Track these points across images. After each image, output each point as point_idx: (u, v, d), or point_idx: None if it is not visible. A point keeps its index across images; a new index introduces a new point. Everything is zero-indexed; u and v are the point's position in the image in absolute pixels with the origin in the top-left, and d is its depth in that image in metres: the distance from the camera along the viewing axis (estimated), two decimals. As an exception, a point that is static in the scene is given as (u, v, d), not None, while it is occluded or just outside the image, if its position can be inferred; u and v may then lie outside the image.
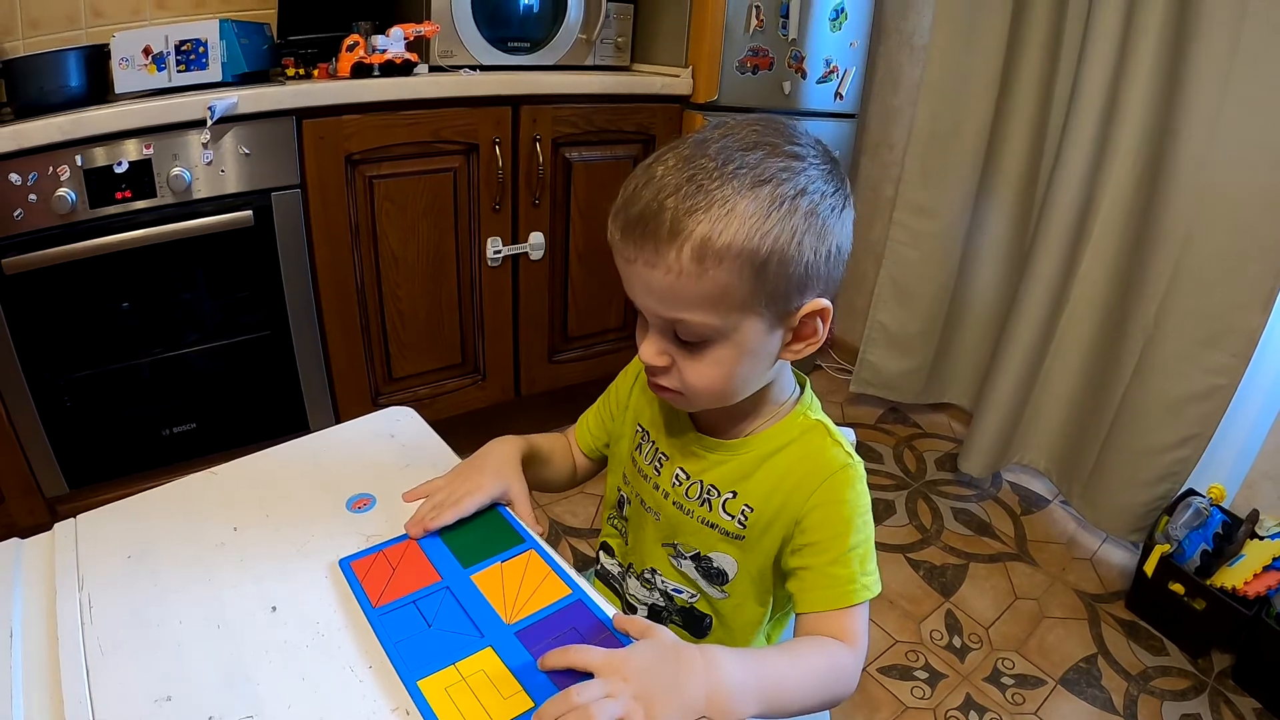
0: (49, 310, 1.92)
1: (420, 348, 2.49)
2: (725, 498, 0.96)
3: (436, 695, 0.70)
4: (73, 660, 0.77)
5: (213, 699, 0.72)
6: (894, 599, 2.28)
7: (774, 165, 0.78)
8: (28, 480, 2.02)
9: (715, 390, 0.87)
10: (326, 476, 1.04)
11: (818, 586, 0.89)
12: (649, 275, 0.80)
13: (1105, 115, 2.29)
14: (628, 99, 2.53)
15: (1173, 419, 2.27)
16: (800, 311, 0.83)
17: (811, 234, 0.79)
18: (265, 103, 1.98)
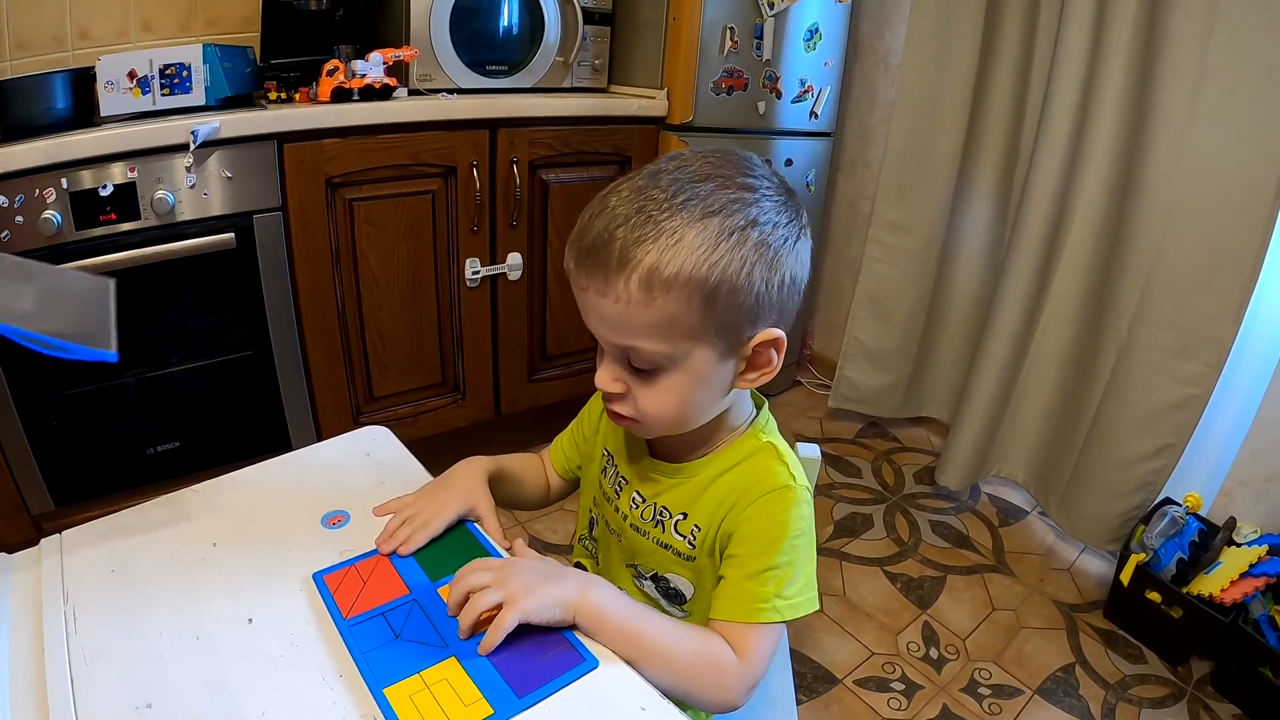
0: None
1: (401, 367, 2.50)
2: (676, 519, 0.98)
3: (402, 702, 0.72)
4: (58, 670, 0.78)
5: (192, 707, 0.74)
6: (871, 611, 2.28)
7: (724, 197, 0.80)
8: (14, 499, 2.03)
9: (668, 417, 0.89)
10: (303, 493, 1.06)
11: (730, 597, 0.90)
12: (600, 304, 0.82)
13: (1076, 132, 2.32)
14: (604, 120, 2.56)
15: (1147, 429, 2.29)
16: (753, 341, 0.86)
17: (762, 264, 0.81)
18: (247, 127, 2.01)
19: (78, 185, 1.87)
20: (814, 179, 3.06)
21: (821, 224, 3.38)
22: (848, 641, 2.18)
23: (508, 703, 0.73)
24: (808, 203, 2.79)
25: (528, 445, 1.50)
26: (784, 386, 3.54)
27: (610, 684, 0.78)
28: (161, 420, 2.19)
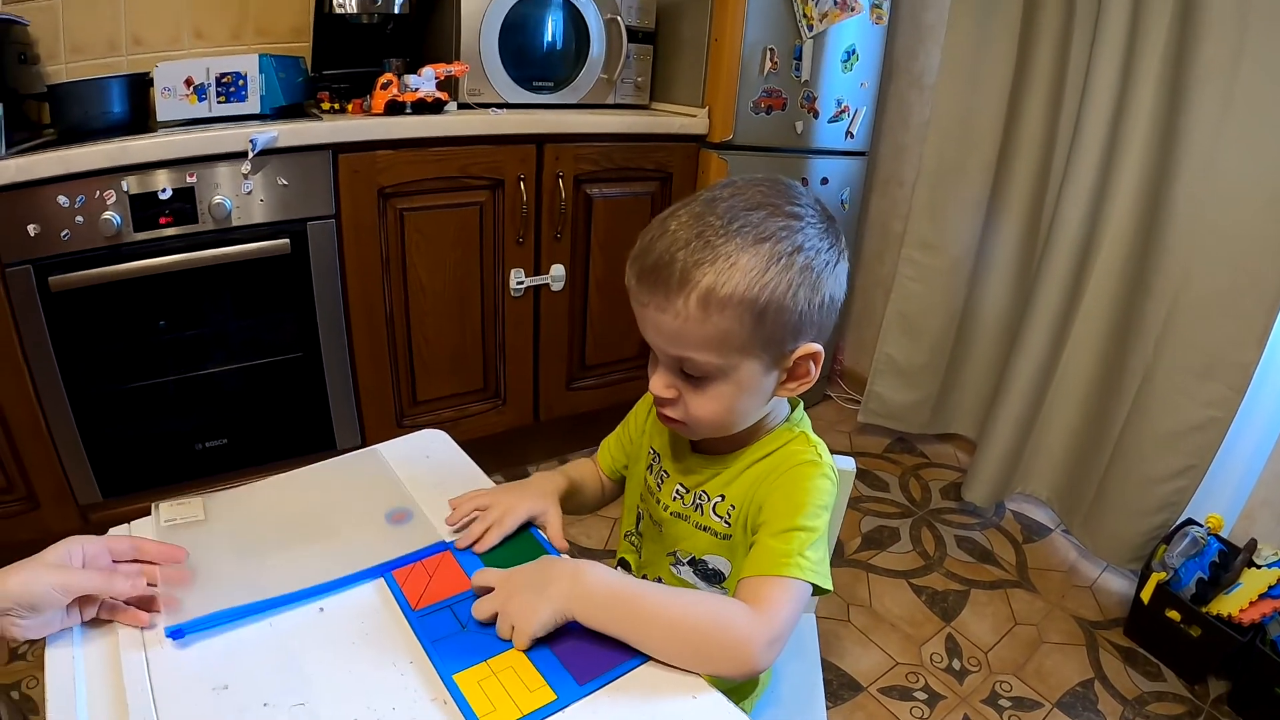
0: (91, 326, 1.99)
1: (444, 372, 2.54)
2: (715, 501, 1.04)
3: (470, 687, 0.78)
4: (134, 654, 0.83)
5: (267, 688, 0.78)
6: (895, 622, 2.30)
7: (774, 224, 0.88)
8: (63, 488, 2.09)
9: (716, 421, 0.96)
10: (368, 491, 1.12)
11: (755, 557, 0.93)
12: (660, 318, 0.90)
13: (1106, 155, 2.33)
14: (646, 138, 2.60)
15: (1170, 450, 2.28)
16: (794, 354, 0.93)
17: (806, 286, 0.88)
18: (304, 137, 2.06)
19: (138, 188, 1.91)
20: (848, 197, 3.09)
21: (855, 241, 3.38)
22: (873, 651, 2.20)
23: (569, 689, 0.78)
24: (842, 220, 2.79)
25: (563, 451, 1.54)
26: (815, 400, 3.55)
27: (661, 676, 0.83)
28: (211, 417, 2.24)
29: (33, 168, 1.78)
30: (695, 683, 0.82)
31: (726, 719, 0.80)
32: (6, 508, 2.05)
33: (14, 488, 2.05)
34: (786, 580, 0.89)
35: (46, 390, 1.97)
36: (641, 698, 0.80)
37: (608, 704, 0.79)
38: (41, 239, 1.84)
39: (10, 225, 1.81)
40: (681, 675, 0.83)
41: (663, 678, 0.82)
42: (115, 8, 2.35)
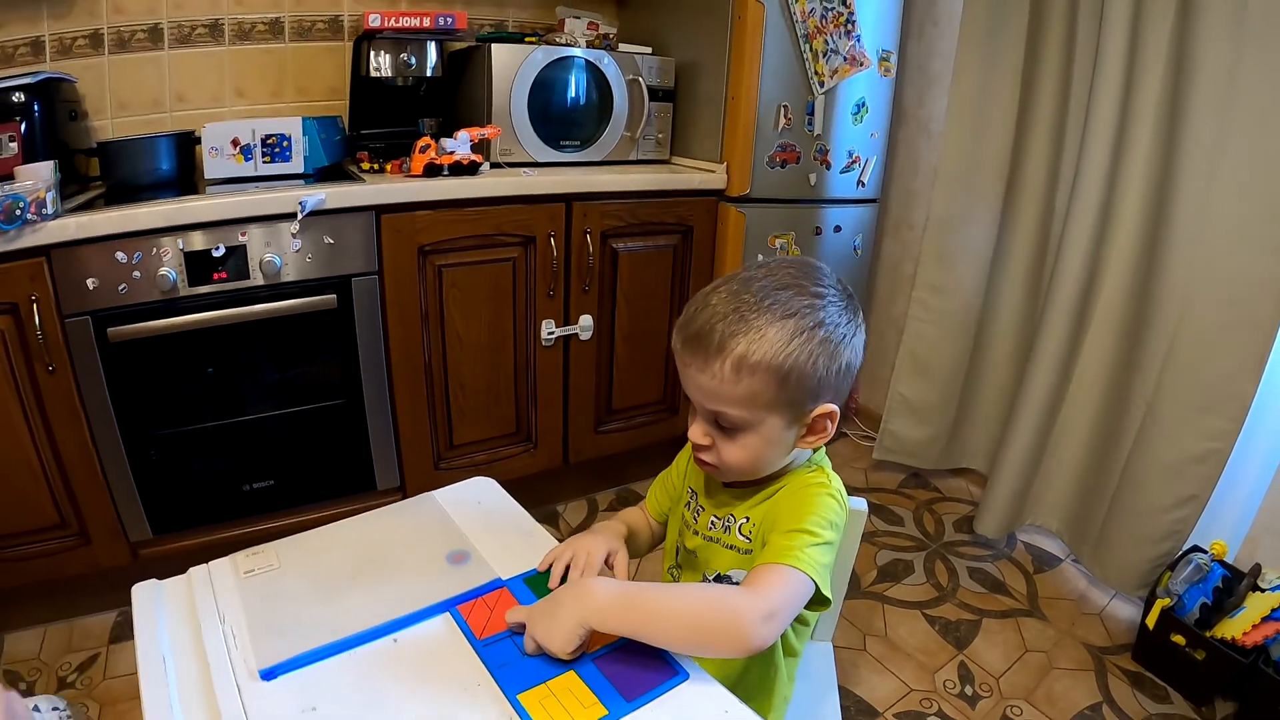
0: (146, 374, 2.07)
1: (479, 417, 2.61)
2: (740, 523, 1.17)
3: (533, 705, 0.90)
4: (225, 681, 0.93)
5: (351, 709, 0.89)
6: (910, 651, 2.34)
7: (800, 303, 1.03)
8: (114, 525, 2.16)
9: (744, 467, 1.11)
10: (428, 534, 1.24)
11: (764, 555, 1.04)
12: (699, 378, 1.05)
13: (1105, 200, 2.40)
14: (668, 194, 2.67)
15: (1173, 481, 2.32)
16: (813, 413, 1.07)
17: (825, 355, 1.03)
18: (349, 199, 2.15)
19: (192, 246, 2.01)
20: (860, 243, 3.13)
21: (868, 284, 3.45)
22: (888, 678, 2.25)
23: (619, 705, 0.90)
24: (854, 265, 2.93)
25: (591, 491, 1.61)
26: (832, 439, 3.52)
27: (698, 693, 0.94)
28: (258, 459, 2.31)
29: (93, 226, 1.87)
30: (727, 699, 0.93)
31: None
32: (60, 543, 2.12)
33: (67, 524, 2.11)
34: (784, 567, 1.00)
35: (101, 432, 2.05)
36: (682, 711, 0.91)
37: (652, 716, 0.90)
38: (99, 292, 1.93)
39: (70, 279, 1.89)
40: (714, 691, 0.94)
41: (699, 695, 0.93)
42: (160, 67, 2.46)
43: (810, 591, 1.01)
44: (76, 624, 2.30)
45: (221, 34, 2.52)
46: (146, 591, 1.10)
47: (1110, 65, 2.31)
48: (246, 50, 2.58)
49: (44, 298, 1.87)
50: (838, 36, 2.71)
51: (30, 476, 2.02)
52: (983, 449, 3.12)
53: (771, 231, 2.86)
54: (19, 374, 1.92)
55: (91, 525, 2.14)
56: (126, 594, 2.11)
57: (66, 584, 2.19)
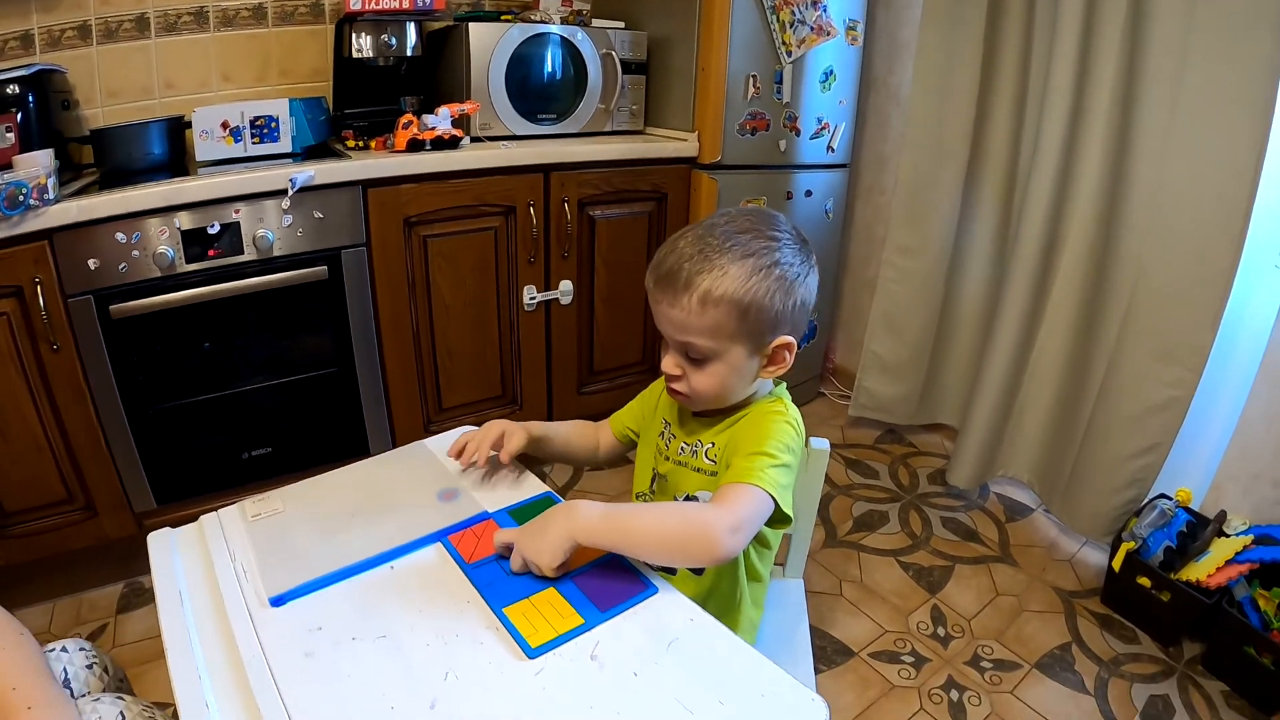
0: (147, 349, 2.13)
1: (466, 381, 2.68)
2: (706, 447, 1.28)
3: (517, 617, 1.00)
4: (238, 610, 1.01)
5: (354, 626, 0.98)
6: (885, 595, 2.41)
7: (758, 244, 1.14)
8: (120, 497, 2.21)
9: (712, 394, 1.21)
10: (420, 476, 1.34)
11: (728, 475, 1.14)
12: (670, 312, 1.17)
13: (1066, 159, 2.44)
14: (642, 162, 2.73)
15: (1136, 429, 2.38)
16: (772, 344, 1.18)
17: (780, 292, 1.14)
18: (336, 175, 2.20)
19: (189, 224, 2.06)
20: (831, 207, 3.20)
21: (841, 247, 3.49)
22: (863, 620, 2.31)
23: (594, 615, 1.00)
24: (826, 229, 3.01)
25: None
26: (809, 398, 3.65)
27: (666, 603, 1.04)
28: (256, 428, 2.37)
29: (94, 208, 1.92)
30: (692, 609, 1.03)
31: (717, 637, 0.99)
32: (67, 517, 2.17)
33: (74, 498, 2.16)
34: (746, 485, 1.10)
35: (105, 407, 2.10)
36: (651, 620, 1.01)
37: (625, 625, 1.00)
38: (101, 272, 1.98)
39: (72, 260, 1.94)
40: (680, 602, 1.04)
41: (666, 605, 1.03)
42: (147, 55, 2.50)
43: (770, 508, 1.11)
44: (84, 597, 2.34)
45: (206, 20, 2.56)
46: (161, 538, 1.17)
47: (1068, 30, 2.35)
48: (231, 36, 2.62)
49: (47, 279, 1.92)
50: (804, 7, 2.76)
51: (37, 453, 2.06)
52: (955, 404, 3.18)
53: (743, 196, 2.91)
54: (24, 354, 1.97)
55: (98, 498, 2.18)
56: (132, 566, 2.20)
57: (73, 558, 2.24)
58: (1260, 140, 2.04)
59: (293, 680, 0.91)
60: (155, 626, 0.98)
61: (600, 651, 0.96)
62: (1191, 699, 2.08)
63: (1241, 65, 2.04)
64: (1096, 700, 2.07)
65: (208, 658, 0.96)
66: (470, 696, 0.89)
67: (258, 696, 0.89)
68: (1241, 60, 2.04)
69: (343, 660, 0.94)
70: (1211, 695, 2.10)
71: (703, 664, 0.94)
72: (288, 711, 0.87)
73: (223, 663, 0.94)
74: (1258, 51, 2.01)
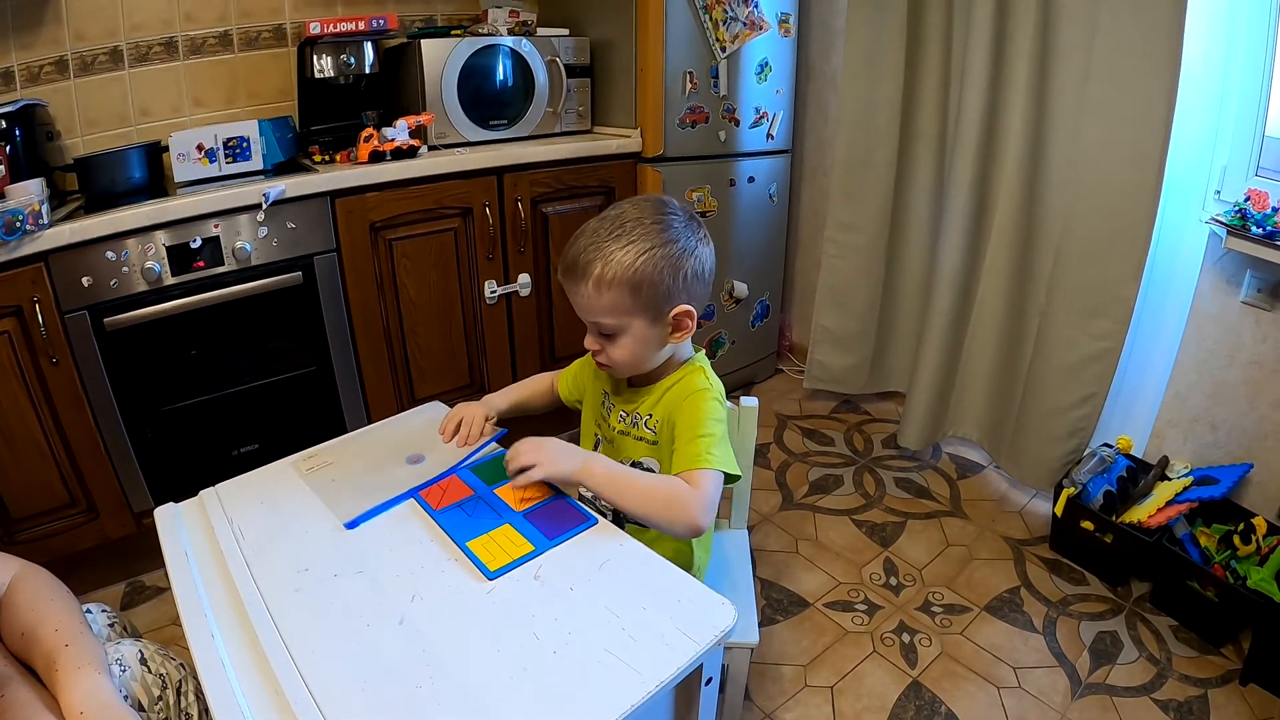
0: (139, 357, 2.19)
1: (436, 373, 2.75)
2: (646, 419, 1.42)
3: (478, 548, 1.16)
4: (237, 562, 1.15)
5: (336, 564, 1.14)
6: (839, 551, 2.50)
7: (643, 229, 1.27)
8: (119, 498, 2.28)
9: (629, 361, 1.35)
10: (389, 445, 1.49)
11: (678, 459, 1.29)
12: (576, 298, 1.31)
13: (988, 129, 2.54)
14: (590, 160, 2.81)
15: (1071, 381, 2.48)
16: (672, 312, 1.31)
17: (668, 266, 1.27)
18: (306, 188, 2.29)
19: (173, 240, 2.14)
20: (775, 191, 3.29)
21: (789, 229, 3.54)
22: (818, 574, 2.41)
23: (542, 543, 1.16)
24: (771, 213, 3.10)
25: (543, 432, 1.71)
26: (767, 374, 3.73)
27: (602, 532, 1.20)
28: (243, 427, 2.45)
29: (86, 230, 2.00)
30: (623, 537, 1.19)
31: (644, 559, 1.15)
32: (71, 520, 2.23)
33: (76, 502, 2.22)
34: (703, 471, 1.25)
35: (103, 415, 2.17)
36: (589, 546, 1.17)
37: (567, 550, 1.16)
38: (94, 288, 2.06)
39: (68, 279, 2.02)
40: (613, 533, 1.20)
41: (601, 534, 1.20)
42: (123, 85, 2.55)
43: (721, 484, 1.28)
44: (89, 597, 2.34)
45: (176, 50, 2.61)
46: (169, 512, 1.31)
47: (984, 5, 2.44)
48: (200, 63, 2.66)
49: (44, 298, 1.99)
50: (736, 4, 2.85)
51: (41, 460, 2.13)
52: (905, 371, 3.25)
53: (688, 186, 3.00)
54: (25, 368, 2.04)
55: (99, 500, 2.25)
56: (133, 565, 2.30)
57: (76, 560, 2.29)
58: (1169, 96, 2.13)
59: (284, 611, 1.06)
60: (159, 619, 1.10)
61: (543, 573, 1.11)
62: (1140, 634, 2.16)
63: (1147, 28, 2.13)
64: (1045, 639, 2.15)
65: (212, 598, 1.09)
66: (434, 613, 1.05)
67: (256, 627, 1.03)
68: (1147, 23, 2.13)
69: (326, 593, 1.09)
70: (1160, 629, 2.17)
71: (630, 579, 1.11)
72: (281, 636, 1.02)
73: (225, 603, 1.09)
74: (1161, 14, 2.09)
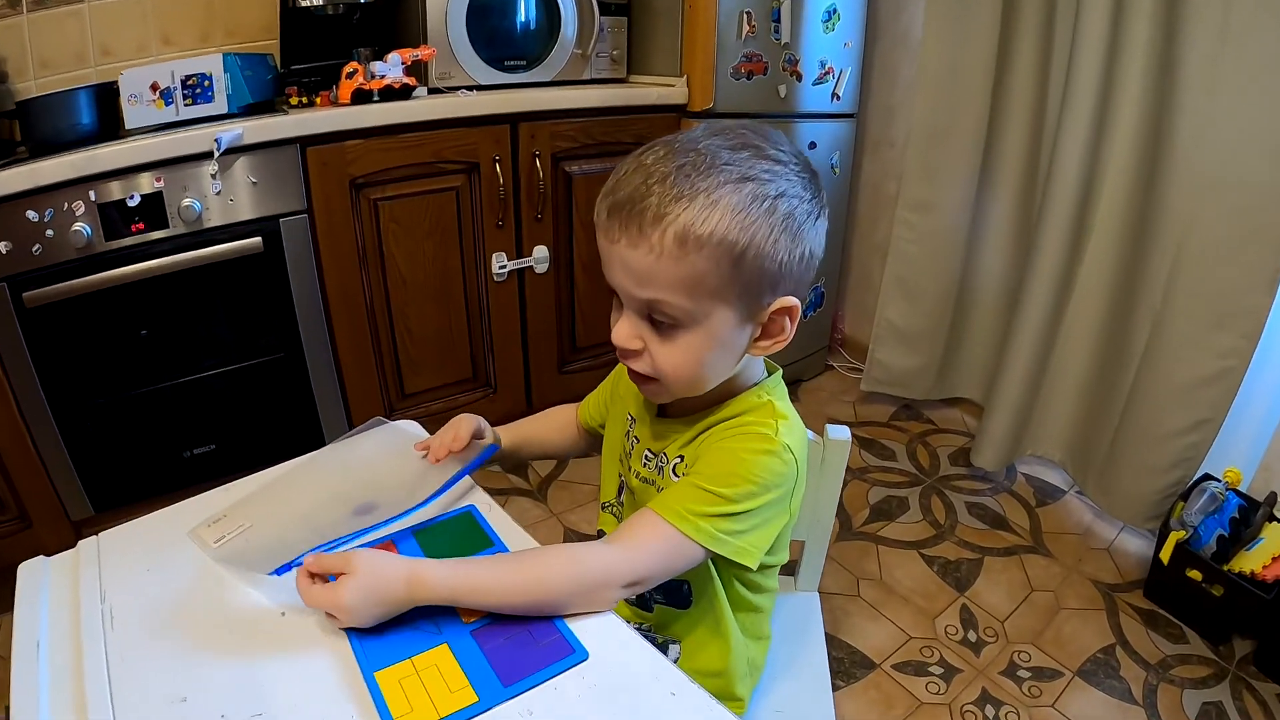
0: (70, 340, 2.01)
1: (431, 363, 2.56)
2: (674, 463, 1.00)
3: (390, 686, 0.77)
4: (96, 666, 0.83)
5: (224, 699, 0.79)
6: (908, 595, 2.30)
7: (758, 166, 0.84)
8: (54, 505, 2.11)
9: (685, 376, 0.92)
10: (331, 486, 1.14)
11: (661, 494, 0.93)
12: (629, 255, 0.85)
13: (1100, 104, 2.30)
14: (624, 110, 2.59)
15: (1184, 403, 2.27)
16: (770, 308, 0.89)
17: (787, 234, 0.85)
18: (269, 132, 2.06)
19: (105, 197, 1.93)
20: (838, 161, 3.09)
21: (848, 206, 3.40)
22: (884, 625, 2.20)
23: (492, 691, 0.76)
24: (832, 185, 2.86)
25: None
26: (816, 371, 3.55)
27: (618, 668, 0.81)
28: (197, 424, 2.27)
29: None
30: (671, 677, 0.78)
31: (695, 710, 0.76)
32: (2, 528, 2.08)
33: (6, 508, 2.07)
34: (667, 527, 0.88)
35: (30, 408, 1.99)
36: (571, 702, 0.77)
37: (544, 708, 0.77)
38: (12, 256, 1.86)
39: None
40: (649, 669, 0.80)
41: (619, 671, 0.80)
42: (81, 21, 2.38)
43: (694, 558, 0.91)
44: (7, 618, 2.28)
45: None
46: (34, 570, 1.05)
47: None
48: None
49: None
50: None
51: None
52: (977, 376, 3.09)
53: None
54: None
55: (31, 507, 2.10)
56: None
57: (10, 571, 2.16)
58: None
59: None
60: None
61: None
62: (1246, 705, 1.98)
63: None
64: (1146, 711, 1.96)
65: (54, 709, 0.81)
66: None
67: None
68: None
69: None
70: (1266, 699, 2.00)
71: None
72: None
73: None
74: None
